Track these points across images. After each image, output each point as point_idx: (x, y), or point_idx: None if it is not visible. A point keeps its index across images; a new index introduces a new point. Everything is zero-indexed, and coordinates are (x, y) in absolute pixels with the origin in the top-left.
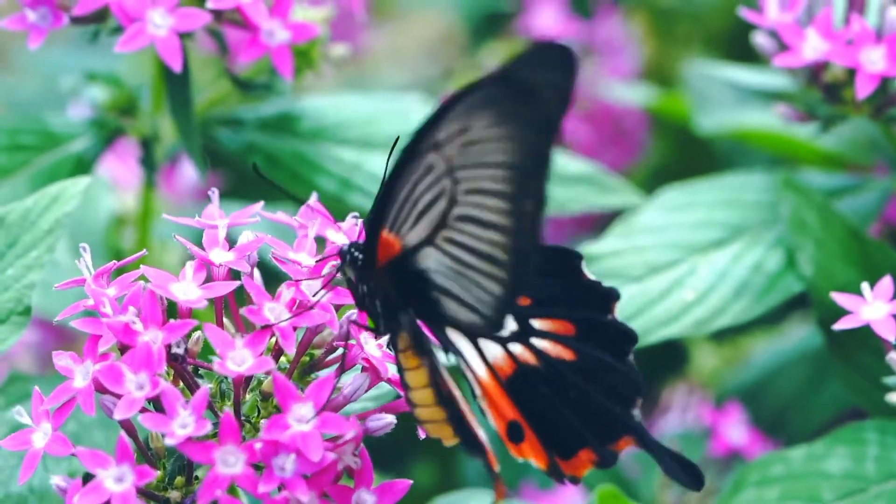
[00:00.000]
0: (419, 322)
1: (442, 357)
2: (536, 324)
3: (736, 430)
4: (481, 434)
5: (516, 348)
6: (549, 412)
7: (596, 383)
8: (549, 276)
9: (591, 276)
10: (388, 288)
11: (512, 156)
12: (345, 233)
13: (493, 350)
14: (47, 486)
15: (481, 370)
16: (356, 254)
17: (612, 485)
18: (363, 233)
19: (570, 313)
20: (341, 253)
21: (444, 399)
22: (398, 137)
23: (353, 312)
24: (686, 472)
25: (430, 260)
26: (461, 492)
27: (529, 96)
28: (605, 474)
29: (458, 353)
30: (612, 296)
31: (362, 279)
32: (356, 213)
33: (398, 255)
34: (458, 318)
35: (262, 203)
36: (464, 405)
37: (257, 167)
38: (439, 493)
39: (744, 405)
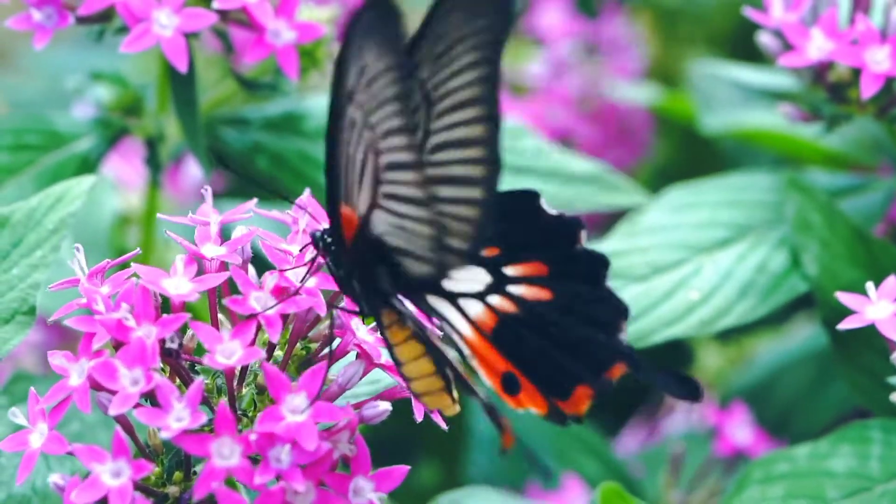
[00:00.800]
0: (399, 294)
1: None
2: (510, 271)
3: (741, 430)
4: (480, 391)
5: (494, 300)
6: (539, 356)
7: (578, 316)
8: (512, 221)
9: (552, 211)
10: (361, 265)
11: (400, 85)
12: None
13: (473, 307)
14: (49, 487)
15: (466, 329)
16: (326, 237)
17: (615, 483)
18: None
19: (540, 253)
20: (314, 239)
21: (440, 362)
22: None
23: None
24: (683, 386)
25: (380, 223)
26: (464, 489)
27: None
28: (611, 474)
29: (441, 317)
30: (576, 224)
31: (336, 262)
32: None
33: (359, 228)
34: (420, 274)
35: (255, 200)
36: (458, 366)
37: (225, 161)
38: (443, 491)
39: (748, 405)
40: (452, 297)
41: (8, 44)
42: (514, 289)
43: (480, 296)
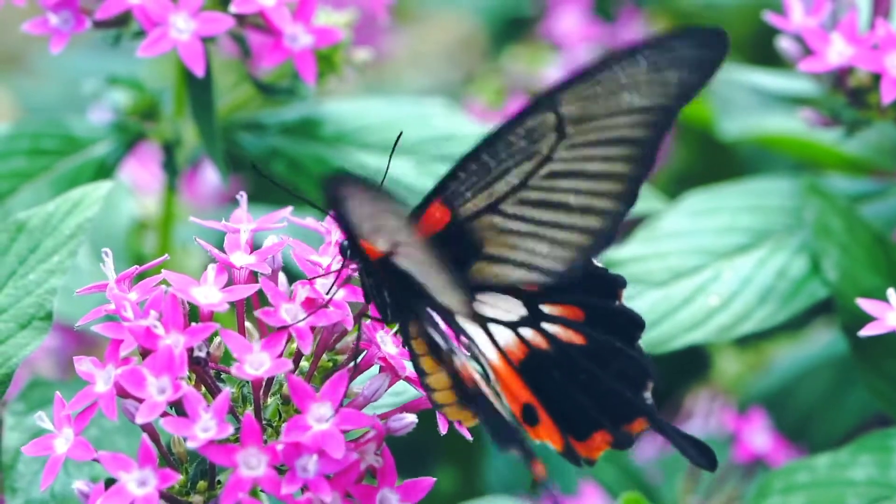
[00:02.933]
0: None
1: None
2: (546, 309)
3: (759, 436)
4: (503, 411)
5: (527, 333)
6: (562, 395)
7: (607, 367)
8: None
9: (598, 263)
10: (390, 279)
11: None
12: None
13: (504, 335)
14: (68, 492)
15: (493, 355)
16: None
17: (636, 492)
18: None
19: (579, 299)
20: (341, 249)
21: (455, 379)
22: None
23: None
24: (700, 453)
25: (485, 228)
26: (484, 499)
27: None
28: (629, 481)
29: (469, 338)
30: (618, 282)
31: (367, 271)
32: None
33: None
34: (510, 279)
35: (290, 208)
36: (484, 385)
37: (258, 167)
38: (462, 499)
39: (767, 411)
40: (483, 321)
41: (23, 48)
42: (548, 326)
43: (513, 325)
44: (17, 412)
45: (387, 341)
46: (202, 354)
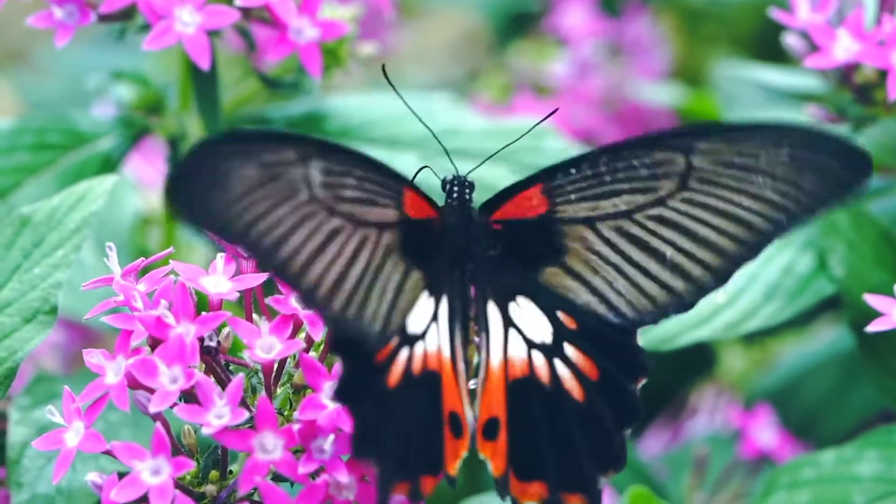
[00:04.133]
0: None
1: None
2: (568, 350)
3: (765, 432)
4: (468, 412)
5: (539, 360)
6: (531, 431)
7: (586, 434)
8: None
9: (639, 341)
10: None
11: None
12: None
13: (517, 347)
14: (74, 487)
15: (497, 358)
16: None
17: (643, 486)
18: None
19: (601, 359)
20: None
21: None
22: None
23: None
24: None
25: (575, 239)
26: (488, 495)
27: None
28: (634, 476)
29: (486, 327)
30: (642, 369)
31: None
32: None
33: (538, 215)
34: (578, 299)
35: None
36: (450, 376)
37: None
38: (465, 495)
39: (773, 407)
40: (509, 321)
41: (27, 43)
42: (560, 366)
43: (530, 345)
44: (23, 407)
45: None
46: (213, 344)
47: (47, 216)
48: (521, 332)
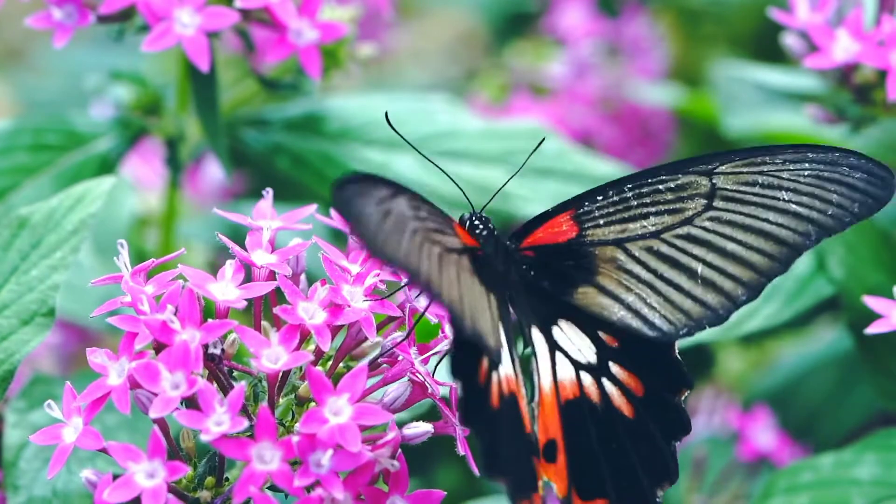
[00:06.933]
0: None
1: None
2: (613, 368)
3: (764, 434)
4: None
5: (587, 379)
6: (588, 451)
7: (638, 448)
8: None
9: (676, 354)
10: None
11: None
12: None
13: (566, 369)
14: (70, 489)
15: (548, 382)
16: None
17: None
18: None
19: (645, 375)
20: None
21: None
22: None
23: (399, 334)
24: None
25: (606, 260)
26: (488, 499)
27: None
28: None
29: (535, 354)
30: (685, 382)
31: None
32: None
33: (568, 240)
34: (614, 317)
35: (314, 206)
36: (522, 401)
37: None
38: (464, 498)
39: (771, 409)
40: (554, 344)
41: (25, 43)
42: (608, 384)
43: (577, 366)
44: (19, 409)
45: (417, 358)
46: (217, 351)
47: (45, 217)
48: (566, 354)
